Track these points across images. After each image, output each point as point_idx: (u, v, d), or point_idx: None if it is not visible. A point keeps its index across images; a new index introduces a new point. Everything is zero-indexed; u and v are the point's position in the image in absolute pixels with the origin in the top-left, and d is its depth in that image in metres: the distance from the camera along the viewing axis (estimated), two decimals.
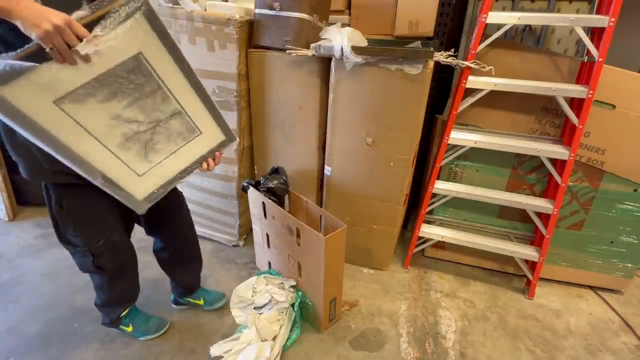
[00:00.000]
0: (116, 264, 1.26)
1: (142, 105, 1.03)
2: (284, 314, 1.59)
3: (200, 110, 1.18)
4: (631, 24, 2.37)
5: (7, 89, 0.80)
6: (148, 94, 1.03)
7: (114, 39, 0.88)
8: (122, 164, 1.05)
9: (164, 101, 1.07)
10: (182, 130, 1.15)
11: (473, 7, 2.34)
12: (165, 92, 1.07)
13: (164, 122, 1.10)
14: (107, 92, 0.95)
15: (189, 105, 1.14)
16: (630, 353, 1.61)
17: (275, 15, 1.70)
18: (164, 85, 1.06)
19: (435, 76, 1.92)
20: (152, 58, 0.99)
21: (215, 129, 1.24)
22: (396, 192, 1.84)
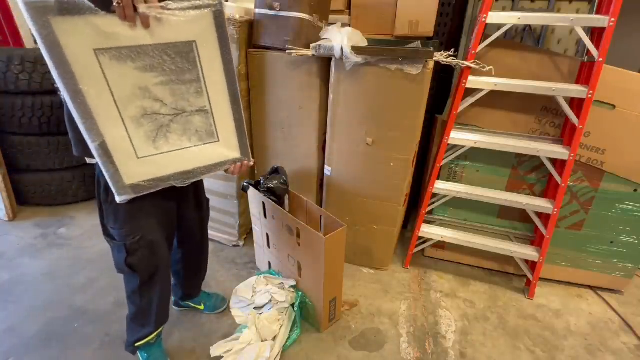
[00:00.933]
0: (150, 267, 1.23)
1: (175, 89, 1.03)
2: (284, 314, 1.59)
3: (227, 118, 1.17)
4: (631, 24, 2.37)
5: (60, 19, 0.81)
6: (185, 82, 1.03)
7: (177, 18, 0.92)
8: (126, 137, 1.00)
9: (196, 94, 1.07)
10: (201, 130, 1.12)
11: (473, 7, 2.35)
12: (201, 86, 1.07)
13: (188, 114, 1.08)
14: (148, 63, 0.96)
15: (218, 108, 1.13)
16: (630, 353, 1.61)
17: (275, 15, 1.70)
18: (203, 79, 1.06)
19: (435, 76, 1.92)
20: (203, 51, 1.02)
21: (234, 142, 1.21)
22: (396, 192, 1.84)
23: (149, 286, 1.26)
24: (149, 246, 1.19)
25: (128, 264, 1.18)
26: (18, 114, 2.20)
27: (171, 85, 1.02)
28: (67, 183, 2.45)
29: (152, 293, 1.28)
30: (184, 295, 1.65)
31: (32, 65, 2.15)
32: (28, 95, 2.20)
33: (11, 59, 2.11)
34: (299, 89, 1.83)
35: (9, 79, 2.12)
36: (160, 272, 1.27)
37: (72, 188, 2.48)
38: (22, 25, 2.20)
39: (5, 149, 2.29)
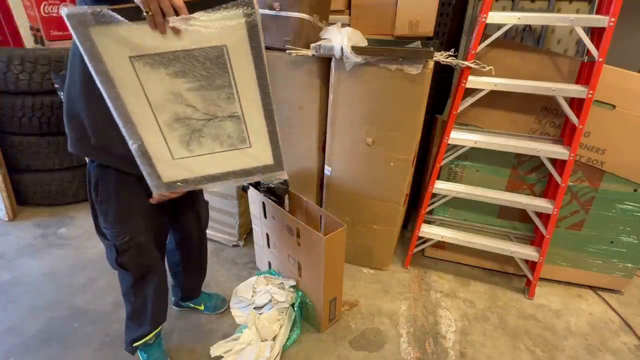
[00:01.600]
0: (141, 266, 1.24)
1: (205, 95, 1.04)
2: (284, 314, 1.59)
3: (259, 125, 1.16)
4: (631, 24, 2.37)
5: (97, 29, 0.87)
6: (215, 87, 1.04)
7: (207, 27, 0.93)
8: (162, 140, 1.05)
9: (227, 100, 1.08)
10: (232, 136, 1.13)
11: (473, 7, 2.35)
12: (232, 92, 1.07)
13: (219, 119, 1.10)
14: (179, 68, 0.98)
15: (250, 115, 1.13)
16: (630, 353, 1.61)
17: (275, 15, 1.70)
18: (234, 85, 1.06)
19: (435, 76, 1.92)
20: (234, 57, 1.02)
21: (267, 150, 1.21)
22: (396, 192, 1.84)
23: (141, 285, 1.27)
24: (138, 247, 1.19)
25: (119, 263, 1.20)
26: (18, 114, 2.20)
27: (202, 91, 1.03)
28: (67, 183, 2.45)
29: (145, 292, 1.29)
30: (184, 296, 1.65)
31: (32, 65, 2.15)
32: (28, 95, 2.20)
33: (11, 59, 2.10)
34: (299, 89, 1.83)
35: (9, 79, 2.12)
36: (153, 272, 1.27)
37: (72, 188, 2.48)
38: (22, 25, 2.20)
39: (5, 149, 2.29)
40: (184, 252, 1.50)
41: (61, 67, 2.23)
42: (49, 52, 2.20)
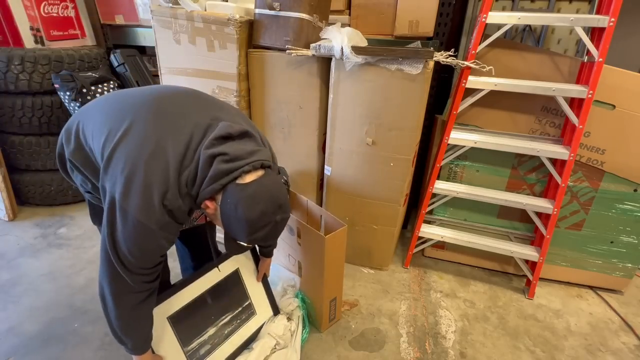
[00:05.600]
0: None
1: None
2: (292, 320, 1.56)
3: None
4: (631, 24, 2.37)
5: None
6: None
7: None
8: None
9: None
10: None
11: (473, 7, 2.34)
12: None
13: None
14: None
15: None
16: (630, 353, 1.61)
17: (275, 15, 1.70)
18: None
19: (435, 76, 1.92)
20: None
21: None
22: (396, 192, 1.84)
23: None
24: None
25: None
26: (18, 114, 2.20)
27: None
28: (67, 183, 2.45)
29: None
30: None
31: (32, 65, 2.14)
32: (28, 95, 2.20)
33: (11, 59, 2.10)
34: (299, 89, 1.83)
35: (9, 79, 2.12)
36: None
37: (72, 188, 2.48)
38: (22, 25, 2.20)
39: (5, 149, 2.29)
40: (195, 256, 1.50)
41: (61, 67, 2.23)
42: (49, 52, 2.19)
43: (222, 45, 1.75)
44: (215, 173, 0.89)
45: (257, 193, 0.90)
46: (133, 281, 0.97)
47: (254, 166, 0.91)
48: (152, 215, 0.89)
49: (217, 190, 0.90)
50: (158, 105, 1.00)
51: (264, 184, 0.92)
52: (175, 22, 1.77)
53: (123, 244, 0.92)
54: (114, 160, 0.92)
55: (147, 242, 0.92)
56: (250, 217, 0.88)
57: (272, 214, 0.91)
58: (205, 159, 0.90)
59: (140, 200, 0.88)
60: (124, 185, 0.89)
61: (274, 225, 0.93)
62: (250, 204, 0.89)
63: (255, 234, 0.91)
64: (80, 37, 2.55)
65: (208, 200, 0.92)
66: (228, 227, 0.94)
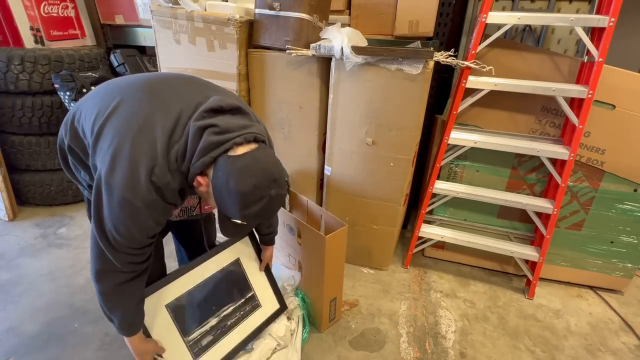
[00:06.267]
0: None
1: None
2: (293, 319, 1.57)
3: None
4: (631, 24, 2.37)
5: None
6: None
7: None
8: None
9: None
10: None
11: (473, 7, 2.34)
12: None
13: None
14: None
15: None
16: (630, 353, 1.61)
17: (275, 15, 1.70)
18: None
19: (435, 76, 1.92)
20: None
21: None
22: (396, 192, 1.84)
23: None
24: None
25: None
26: (18, 114, 2.20)
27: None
28: (67, 183, 2.45)
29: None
30: None
31: (32, 65, 2.14)
32: (28, 95, 2.20)
33: (11, 59, 2.10)
34: (299, 89, 1.83)
35: (9, 79, 2.12)
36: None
37: (72, 188, 2.48)
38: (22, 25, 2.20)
39: (5, 149, 2.29)
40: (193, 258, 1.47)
41: (61, 67, 2.23)
42: (49, 52, 2.19)
43: (222, 45, 1.75)
44: (205, 145, 0.84)
45: (250, 165, 0.85)
46: (118, 260, 0.94)
47: (246, 138, 0.87)
48: (137, 191, 0.85)
49: (208, 163, 0.86)
50: (149, 84, 0.98)
51: (257, 156, 0.88)
52: (175, 22, 1.77)
53: (108, 221, 0.88)
54: (102, 136, 0.90)
55: (133, 221, 0.88)
56: (242, 190, 0.83)
57: (266, 187, 0.86)
58: (195, 131, 0.86)
59: (125, 175, 0.84)
60: (110, 161, 0.86)
61: (269, 201, 0.87)
62: (243, 176, 0.84)
63: (249, 208, 0.86)
64: (80, 37, 2.55)
65: (199, 176, 0.88)
66: (220, 203, 0.89)
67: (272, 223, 1.39)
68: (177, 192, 0.91)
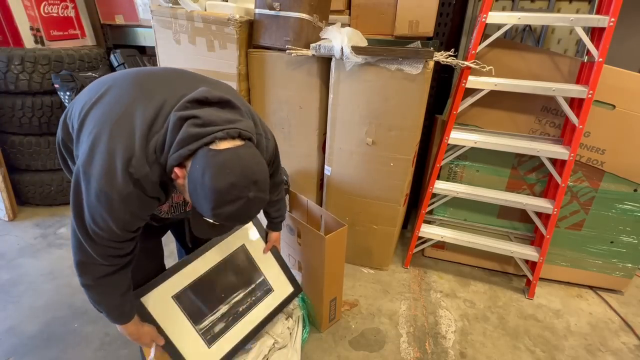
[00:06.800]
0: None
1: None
2: (292, 319, 1.57)
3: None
4: (631, 24, 2.37)
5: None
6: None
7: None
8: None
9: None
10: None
11: (473, 7, 2.34)
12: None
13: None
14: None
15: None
16: (630, 353, 1.61)
17: (275, 15, 1.70)
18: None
19: (435, 76, 1.92)
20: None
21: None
22: (396, 192, 1.84)
23: None
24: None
25: None
26: (18, 114, 2.20)
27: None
28: (67, 183, 2.45)
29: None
30: None
31: (32, 65, 2.14)
32: (28, 95, 2.20)
33: (11, 59, 2.10)
34: (299, 89, 1.83)
35: (9, 79, 2.12)
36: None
37: None
38: (22, 25, 2.20)
39: (5, 149, 2.29)
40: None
41: (61, 67, 2.23)
42: (49, 52, 2.19)
43: (222, 45, 1.75)
44: (183, 137, 0.79)
45: (230, 162, 0.79)
46: (97, 253, 0.90)
47: (229, 133, 0.81)
48: (114, 183, 0.81)
49: (185, 156, 0.80)
50: (138, 76, 0.95)
51: (240, 154, 0.81)
52: (175, 22, 1.77)
53: (87, 212, 0.85)
54: (85, 126, 0.87)
55: (110, 213, 0.83)
56: (217, 187, 0.77)
57: (244, 187, 0.79)
58: (175, 121, 0.81)
59: (103, 166, 0.81)
60: (88, 151, 0.83)
61: (246, 203, 0.80)
62: (220, 172, 0.77)
63: (222, 208, 0.79)
64: (80, 37, 2.55)
65: (177, 168, 0.82)
66: (194, 197, 0.82)
67: (280, 207, 1.37)
68: (159, 185, 0.87)
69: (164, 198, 0.91)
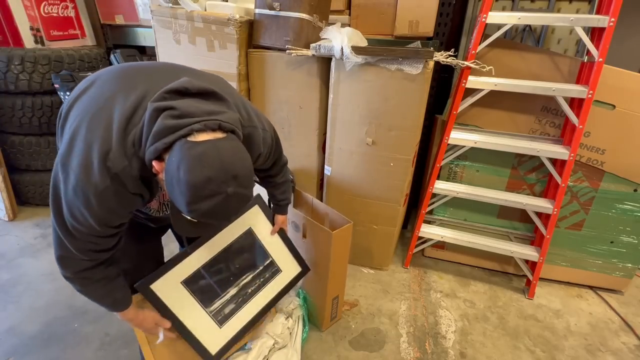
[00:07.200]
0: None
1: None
2: (292, 319, 1.57)
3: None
4: (631, 24, 2.37)
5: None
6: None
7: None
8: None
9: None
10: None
11: (473, 7, 2.34)
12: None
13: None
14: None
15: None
16: (630, 353, 1.61)
17: (275, 15, 1.70)
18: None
19: (435, 76, 1.92)
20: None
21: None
22: (396, 192, 1.84)
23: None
24: (125, 272, 1.13)
25: None
26: (18, 114, 2.20)
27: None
28: None
29: None
30: None
31: (32, 65, 2.14)
32: (28, 95, 2.20)
33: (11, 59, 2.10)
34: (299, 89, 1.83)
35: (9, 79, 2.12)
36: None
37: None
38: (22, 25, 2.20)
39: (5, 149, 2.29)
40: None
41: (61, 67, 2.23)
42: (49, 52, 2.19)
43: (222, 45, 1.75)
44: (159, 129, 0.75)
45: (207, 154, 0.74)
46: (76, 248, 0.87)
47: (207, 125, 0.75)
48: (91, 177, 0.78)
49: (161, 149, 0.76)
50: (123, 69, 0.92)
51: (219, 146, 0.76)
52: (175, 22, 1.77)
53: (65, 206, 0.82)
54: (68, 119, 0.86)
55: (88, 208, 0.80)
56: (192, 181, 0.72)
57: (222, 183, 0.74)
58: (151, 112, 0.77)
59: (80, 160, 0.79)
60: (67, 144, 0.81)
61: (225, 199, 0.75)
62: (195, 165, 0.72)
63: (198, 204, 0.74)
64: (80, 37, 2.55)
65: (156, 162, 0.78)
66: (170, 192, 0.78)
67: (285, 190, 1.38)
68: (140, 181, 0.83)
69: (147, 195, 0.88)
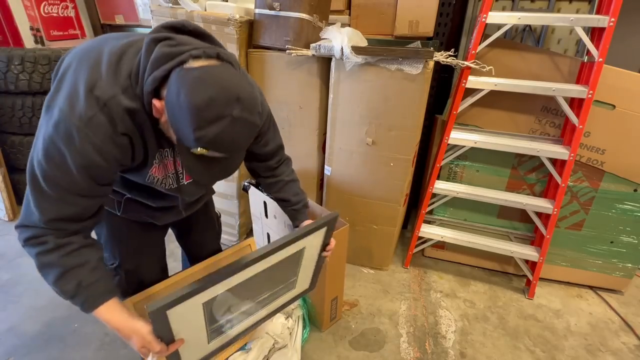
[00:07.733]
0: (126, 293, 1.17)
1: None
2: (292, 319, 1.57)
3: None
4: (631, 24, 2.37)
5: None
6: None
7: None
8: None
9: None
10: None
11: (473, 7, 2.35)
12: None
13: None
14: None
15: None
16: (630, 353, 1.61)
17: (275, 15, 1.70)
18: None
19: (435, 76, 1.92)
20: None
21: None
22: (396, 192, 1.84)
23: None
24: (127, 273, 1.14)
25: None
26: (18, 114, 2.20)
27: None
28: None
29: None
30: None
31: (32, 65, 2.15)
32: (28, 95, 2.20)
33: (11, 59, 2.11)
34: (299, 89, 1.83)
35: (9, 79, 2.12)
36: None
37: None
38: (22, 25, 2.20)
39: (5, 149, 2.29)
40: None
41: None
42: (49, 52, 2.20)
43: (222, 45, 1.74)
44: (156, 57, 0.73)
45: (206, 76, 0.70)
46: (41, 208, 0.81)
47: (205, 52, 0.73)
48: (75, 107, 0.73)
49: (160, 78, 0.72)
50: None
51: (219, 69, 0.73)
52: None
53: (40, 147, 0.76)
54: (60, 70, 0.83)
55: (68, 144, 0.74)
56: (194, 102, 0.68)
57: (225, 104, 0.69)
58: (148, 42, 0.75)
59: (65, 95, 0.76)
60: (54, 86, 0.79)
61: (231, 122, 0.70)
62: (196, 86, 0.69)
63: (205, 129, 0.69)
64: (80, 37, 2.55)
65: (155, 100, 0.75)
66: (174, 125, 0.74)
67: (298, 191, 1.29)
68: (128, 116, 0.77)
69: (139, 142, 0.82)
